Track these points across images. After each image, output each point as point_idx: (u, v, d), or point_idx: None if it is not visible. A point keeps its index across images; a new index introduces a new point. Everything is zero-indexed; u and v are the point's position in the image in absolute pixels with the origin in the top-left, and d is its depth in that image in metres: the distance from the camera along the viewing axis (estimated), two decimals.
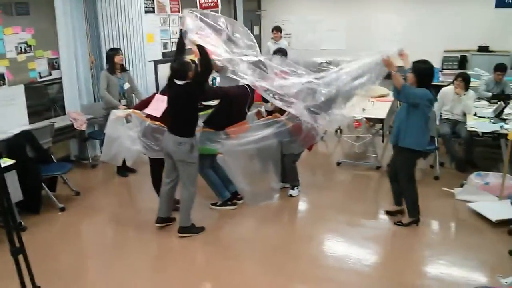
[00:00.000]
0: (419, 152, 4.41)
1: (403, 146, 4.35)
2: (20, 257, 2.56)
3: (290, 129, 4.80)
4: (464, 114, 6.03)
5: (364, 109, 6.27)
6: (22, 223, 4.54)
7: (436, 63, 10.15)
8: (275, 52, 5.88)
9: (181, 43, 4.45)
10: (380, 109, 6.44)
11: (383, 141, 7.02)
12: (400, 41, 10.91)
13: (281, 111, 4.86)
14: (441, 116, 6.23)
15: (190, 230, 4.45)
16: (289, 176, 5.31)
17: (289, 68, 4.61)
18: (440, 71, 9.29)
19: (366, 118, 6.17)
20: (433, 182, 5.68)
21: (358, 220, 4.79)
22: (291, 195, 5.28)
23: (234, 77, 4.47)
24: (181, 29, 4.38)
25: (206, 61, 4.16)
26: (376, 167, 6.19)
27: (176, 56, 4.50)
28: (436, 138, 5.84)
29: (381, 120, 6.29)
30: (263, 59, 4.59)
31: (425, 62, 4.32)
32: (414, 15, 10.75)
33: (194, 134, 4.29)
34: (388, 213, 4.86)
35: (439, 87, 7.10)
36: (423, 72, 4.26)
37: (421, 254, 4.16)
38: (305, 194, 5.36)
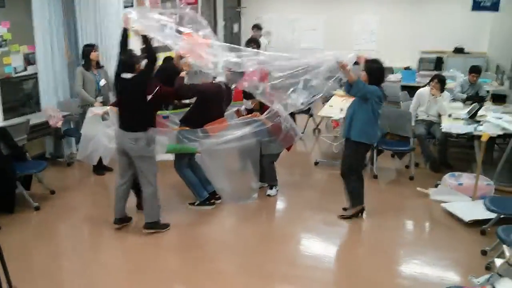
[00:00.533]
0: (367, 145, 4.64)
1: (353, 139, 4.53)
2: None
3: (269, 128, 4.81)
4: (439, 115, 6.13)
5: (342, 110, 6.34)
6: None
7: (413, 64, 10.35)
8: (248, 43, 5.89)
9: (124, 42, 4.28)
10: None
11: None
12: (377, 41, 11.11)
13: (261, 110, 4.89)
14: (416, 116, 6.33)
15: (156, 225, 4.43)
16: (267, 176, 5.33)
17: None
18: (417, 72, 9.42)
19: (344, 118, 6.21)
20: (408, 182, 5.78)
21: (335, 219, 4.83)
22: (269, 195, 5.30)
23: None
24: (124, 28, 4.26)
25: (150, 52, 4.11)
26: None
27: (121, 52, 4.32)
28: (411, 139, 5.94)
29: None
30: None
31: (376, 62, 4.56)
32: (391, 16, 10.89)
33: (149, 128, 4.22)
34: (345, 210, 4.93)
35: (415, 88, 7.22)
36: (374, 71, 4.48)
37: (396, 254, 4.24)
38: (283, 193, 5.39)
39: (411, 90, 7.54)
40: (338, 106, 6.58)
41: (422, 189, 5.40)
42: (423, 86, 6.64)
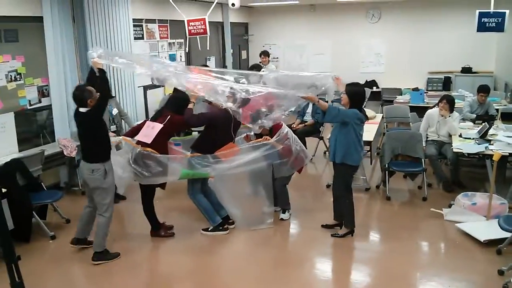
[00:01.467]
0: (353, 166, 4.71)
1: (339, 161, 4.64)
2: None
3: (279, 151, 4.86)
4: (450, 135, 6.14)
5: None
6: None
7: (421, 85, 10.43)
8: (250, 69, 6.05)
9: (91, 78, 4.42)
10: (368, 131, 6.51)
11: (371, 163, 7.12)
12: (385, 63, 11.22)
13: (270, 134, 4.95)
14: (427, 137, 6.35)
15: (104, 256, 4.45)
16: (280, 200, 5.35)
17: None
18: (425, 92, 9.46)
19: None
20: (421, 203, 5.76)
21: (349, 242, 4.82)
22: (282, 219, 5.31)
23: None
24: (91, 67, 4.42)
25: (103, 87, 4.25)
26: (365, 189, 6.25)
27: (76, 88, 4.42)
28: (423, 160, 5.94)
29: (369, 143, 6.37)
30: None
31: (356, 85, 4.74)
32: (398, 38, 11.03)
33: (106, 159, 4.30)
34: (325, 226, 5.05)
35: (424, 109, 7.26)
36: (355, 93, 4.61)
37: (412, 276, 4.21)
38: (295, 217, 5.39)
39: (420, 111, 7.59)
40: None
41: (436, 210, 5.37)
42: (432, 107, 6.67)
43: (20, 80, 5.95)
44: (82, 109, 4.20)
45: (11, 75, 5.81)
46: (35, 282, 4.07)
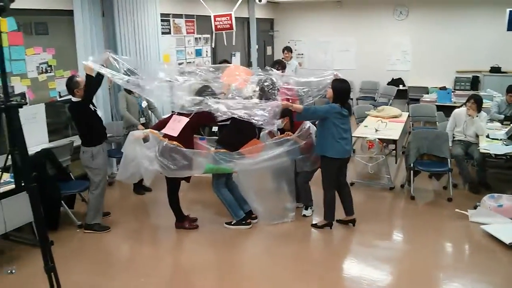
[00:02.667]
0: (336, 159, 4.74)
1: (321, 154, 4.76)
2: None
3: (301, 146, 4.89)
4: (477, 136, 6.06)
5: (377, 130, 6.35)
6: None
7: (448, 84, 10.27)
8: (273, 64, 6.08)
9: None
10: (393, 130, 6.51)
11: (396, 162, 7.07)
12: (412, 61, 11.08)
13: (292, 129, 4.97)
14: (453, 137, 6.27)
15: (93, 227, 4.96)
16: (302, 196, 5.37)
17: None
18: (453, 91, 9.33)
19: (379, 139, 6.22)
20: (446, 203, 5.70)
21: (372, 240, 4.82)
22: (304, 215, 5.33)
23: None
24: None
25: (89, 86, 4.64)
26: (389, 188, 6.22)
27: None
28: (449, 160, 5.87)
29: (394, 141, 6.34)
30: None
31: (343, 81, 4.77)
32: (426, 36, 10.87)
33: (94, 144, 4.79)
34: (338, 221, 5.08)
35: (451, 108, 7.17)
36: (339, 90, 4.70)
37: (435, 277, 4.17)
38: (318, 214, 5.39)
39: (446, 110, 7.49)
40: (373, 126, 6.59)
41: (461, 211, 5.30)
42: (459, 107, 6.58)
43: (50, 72, 6.08)
44: (73, 98, 4.71)
45: (42, 67, 5.95)
46: (63, 268, 4.17)
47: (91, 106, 4.78)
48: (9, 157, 2.78)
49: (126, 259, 4.59)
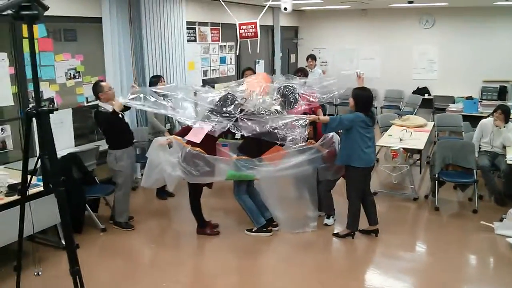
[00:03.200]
0: (362, 168, 4.70)
1: (346, 164, 4.73)
2: None
3: (324, 155, 4.87)
4: (504, 147, 5.95)
5: (401, 139, 6.28)
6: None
7: (475, 94, 10.10)
8: (296, 72, 6.13)
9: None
10: (418, 139, 6.43)
11: (420, 172, 6.98)
12: (438, 70, 10.94)
13: (315, 138, 4.96)
14: (480, 148, 6.16)
15: (120, 224, 5.20)
16: (324, 205, 5.34)
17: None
18: (479, 101, 9.17)
19: (403, 148, 6.15)
20: (471, 215, 5.59)
21: (395, 251, 4.76)
22: (326, 224, 5.30)
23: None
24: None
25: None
26: (413, 198, 6.14)
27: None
28: (475, 171, 5.77)
29: (419, 151, 6.26)
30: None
31: (364, 90, 4.74)
32: (452, 45, 10.72)
33: (117, 148, 5.02)
34: (361, 231, 5.04)
35: (478, 118, 7.05)
36: (361, 98, 4.66)
37: None
38: (340, 223, 5.35)
39: (473, 120, 7.37)
40: (397, 135, 6.53)
41: (487, 223, 5.20)
42: (486, 117, 6.47)
43: (78, 78, 6.22)
44: (100, 104, 4.92)
45: (70, 73, 6.09)
46: (87, 272, 4.24)
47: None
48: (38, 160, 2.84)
49: (149, 264, 4.63)
